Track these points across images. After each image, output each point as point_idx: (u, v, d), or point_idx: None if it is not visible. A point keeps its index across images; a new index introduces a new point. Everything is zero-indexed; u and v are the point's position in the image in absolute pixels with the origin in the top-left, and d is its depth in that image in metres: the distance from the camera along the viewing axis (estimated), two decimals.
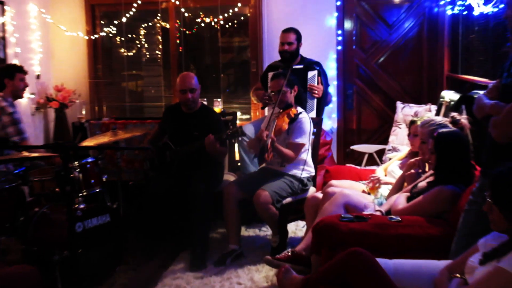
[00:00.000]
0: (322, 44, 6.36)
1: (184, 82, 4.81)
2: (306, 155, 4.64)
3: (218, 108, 6.34)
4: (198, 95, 4.89)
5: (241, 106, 6.87)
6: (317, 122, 5.04)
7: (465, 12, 5.41)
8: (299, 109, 4.70)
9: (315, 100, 5.25)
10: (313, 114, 5.20)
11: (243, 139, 5.15)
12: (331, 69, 6.37)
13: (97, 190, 4.37)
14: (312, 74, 5.29)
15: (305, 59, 5.52)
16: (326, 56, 6.37)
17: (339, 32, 6.43)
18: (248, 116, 6.76)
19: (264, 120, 4.91)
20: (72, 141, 6.18)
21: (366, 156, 6.11)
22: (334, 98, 6.38)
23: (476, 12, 4.88)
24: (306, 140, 4.59)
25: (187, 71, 6.20)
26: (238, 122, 6.42)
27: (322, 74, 5.40)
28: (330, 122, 6.45)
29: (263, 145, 4.32)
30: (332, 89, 6.29)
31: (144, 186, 5.03)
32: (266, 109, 5.52)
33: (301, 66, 5.34)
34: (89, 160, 4.37)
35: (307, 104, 5.13)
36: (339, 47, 6.44)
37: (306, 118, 4.63)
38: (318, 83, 5.28)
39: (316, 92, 5.23)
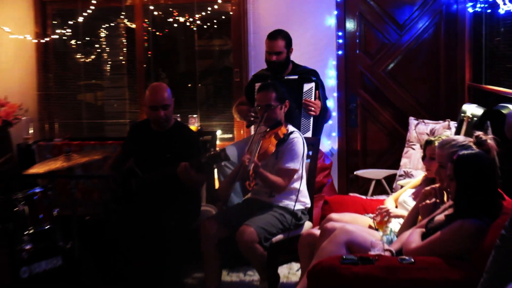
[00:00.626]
0: (319, 49, 6.39)
1: (155, 96, 4.79)
2: (300, 182, 4.64)
3: (194, 126, 6.34)
4: (171, 111, 4.88)
5: (222, 123, 6.86)
6: (314, 142, 5.05)
7: (489, 11, 5.46)
8: (290, 127, 4.71)
9: (312, 118, 5.27)
10: (309, 134, 5.21)
11: (226, 165, 5.14)
12: (330, 78, 6.40)
13: (47, 227, 4.33)
14: (308, 87, 5.30)
15: (298, 66, 5.54)
16: (324, 63, 6.40)
17: (340, 33, 6.47)
18: (230, 135, 6.76)
19: (249, 141, 4.90)
20: (17, 167, 6.14)
21: (373, 184, 6.12)
22: (334, 113, 6.41)
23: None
24: (299, 164, 4.59)
25: (157, 81, 6.21)
26: (218, 142, 6.41)
27: (320, 85, 5.41)
28: (329, 142, 6.46)
29: (244, 171, 4.31)
30: (332, 103, 6.31)
31: (104, 222, 5.00)
32: (252, 127, 5.53)
33: (295, 77, 5.35)
34: (37, 190, 4.35)
35: (301, 124, 5.14)
36: (340, 52, 6.48)
37: (298, 138, 4.63)
38: (315, 98, 5.30)
39: (313, 109, 5.24)
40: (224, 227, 4.55)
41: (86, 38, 7.08)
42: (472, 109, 4.95)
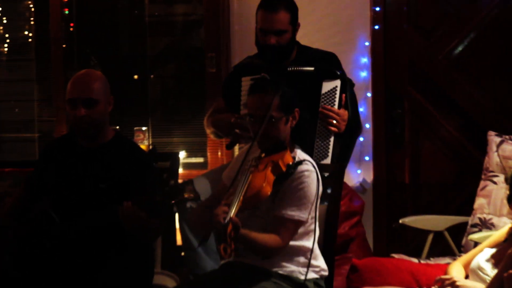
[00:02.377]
0: (342, 21, 6.45)
1: (75, 86, 4.77)
2: (311, 237, 4.64)
3: (142, 144, 6.35)
4: (102, 113, 4.79)
5: (189, 140, 6.88)
6: (335, 173, 5.05)
7: None
8: (299, 153, 4.67)
9: (332, 137, 5.26)
10: (327, 161, 5.21)
11: (193, 208, 5.14)
12: (361, 69, 6.44)
13: None
14: (330, 86, 5.25)
15: (307, 50, 5.54)
16: (352, 44, 6.45)
17: None
18: (201, 160, 6.78)
19: (229, 169, 4.87)
20: None
21: (430, 238, 6.12)
22: (367, 125, 6.43)
23: None
24: (307, 214, 4.52)
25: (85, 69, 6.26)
26: (181, 171, 6.42)
27: (348, 84, 5.36)
28: (359, 172, 6.49)
29: (220, 232, 4.21)
30: (363, 108, 6.35)
31: None
32: (237, 147, 5.53)
33: (310, 69, 5.30)
34: None
35: (315, 144, 5.16)
36: (377, 27, 6.52)
37: (310, 173, 4.52)
38: (340, 106, 5.26)
39: (335, 122, 5.21)
40: None
41: None
42: None
